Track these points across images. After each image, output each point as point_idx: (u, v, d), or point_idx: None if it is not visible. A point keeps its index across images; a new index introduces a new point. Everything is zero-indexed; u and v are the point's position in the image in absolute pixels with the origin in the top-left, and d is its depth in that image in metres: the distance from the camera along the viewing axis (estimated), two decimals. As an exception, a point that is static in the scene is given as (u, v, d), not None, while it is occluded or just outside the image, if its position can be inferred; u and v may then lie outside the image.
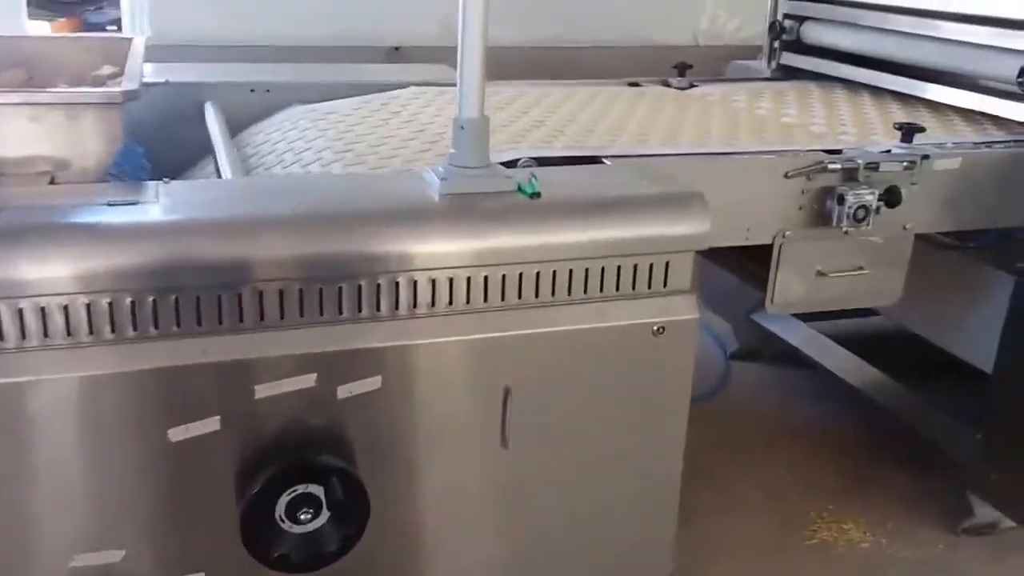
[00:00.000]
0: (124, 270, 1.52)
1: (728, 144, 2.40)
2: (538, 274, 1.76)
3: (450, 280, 1.70)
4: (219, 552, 1.64)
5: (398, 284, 1.67)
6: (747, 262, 2.42)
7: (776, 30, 3.40)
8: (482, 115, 1.79)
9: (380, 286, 1.66)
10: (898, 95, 3.02)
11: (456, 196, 1.77)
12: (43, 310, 1.50)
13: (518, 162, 2.10)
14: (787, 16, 3.39)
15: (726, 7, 4.37)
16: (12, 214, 1.56)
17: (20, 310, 1.50)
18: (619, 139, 2.38)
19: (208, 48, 3.66)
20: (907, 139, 2.35)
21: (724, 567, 2.61)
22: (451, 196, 1.77)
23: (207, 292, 1.57)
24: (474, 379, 1.76)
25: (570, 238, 1.77)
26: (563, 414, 1.83)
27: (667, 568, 2.03)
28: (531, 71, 3.51)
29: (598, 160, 2.15)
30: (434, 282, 1.70)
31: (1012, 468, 2.57)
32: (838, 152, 2.29)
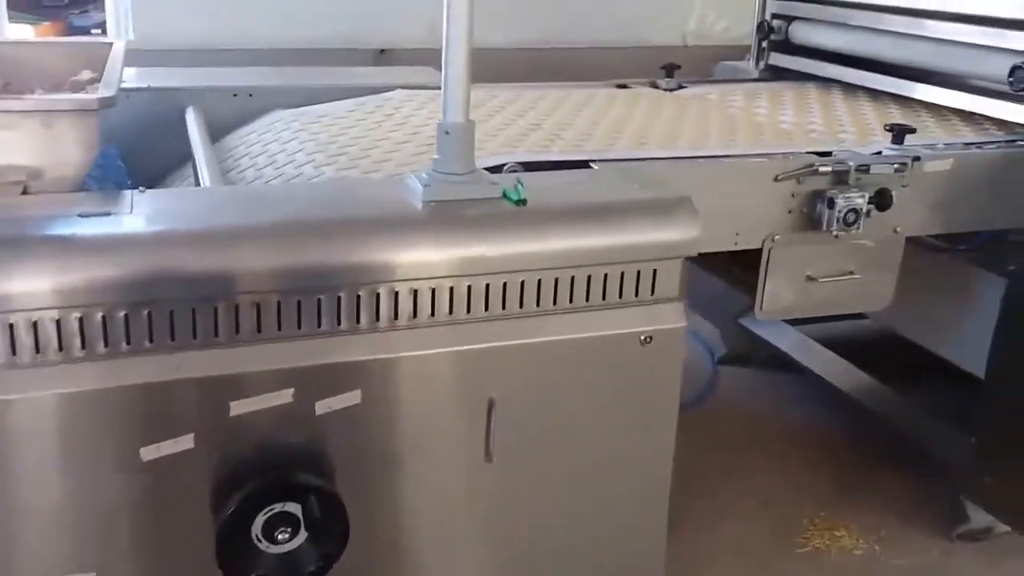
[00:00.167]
0: (94, 285, 1.47)
1: (717, 146, 2.36)
2: (523, 283, 1.72)
3: (432, 290, 1.66)
4: (194, 573, 1.59)
5: (379, 295, 1.63)
6: (735, 267, 2.38)
7: (764, 30, 3.36)
8: (467, 120, 1.75)
9: (360, 297, 1.62)
10: (888, 95, 2.98)
11: (439, 203, 1.73)
12: (11, 327, 1.45)
13: (504, 167, 2.07)
14: (775, 16, 3.36)
15: (714, 7, 4.34)
16: (-22, 226, 1.52)
17: (-14, 327, 1.45)
18: (606, 142, 2.34)
19: (193, 52, 3.63)
20: (898, 140, 2.31)
21: (716, 577, 2.57)
22: (434, 203, 1.73)
23: (181, 306, 1.52)
24: (457, 392, 1.72)
25: (556, 246, 1.73)
26: (549, 426, 1.79)
27: (657, 579, 1.99)
28: (518, 73, 3.48)
29: (585, 164, 2.12)
30: (416, 293, 1.65)
31: (1006, 472, 2.53)
32: (828, 154, 2.26)
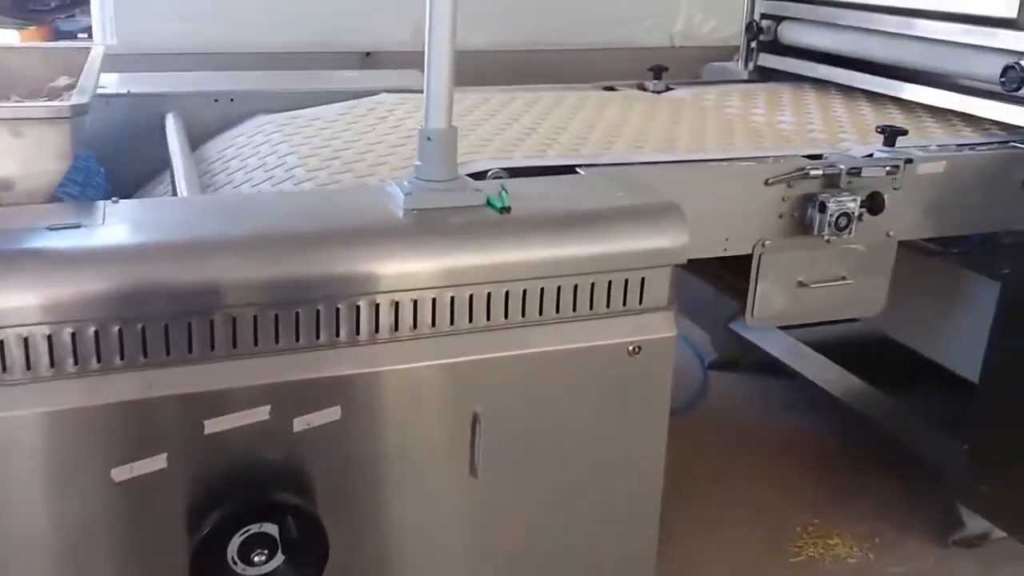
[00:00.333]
0: (62, 301, 1.41)
1: (706, 150, 2.31)
2: (507, 293, 1.67)
3: (414, 302, 1.61)
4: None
5: (359, 308, 1.58)
6: (725, 272, 2.34)
7: (753, 30, 3.32)
8: (450, 125, 1.71)
9: (339, 310, 1.57)
10: (879, 96, 2.94)
11: (421, 212, 1.68)
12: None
13: (488, 173, 2.02)
14: (764, 16, 3.31)
15: (702, 7, 4.30)
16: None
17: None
18: (593, 146, 2.29)
19: (177, 56, 3.58)
20: (889, 142, 2.27)
21: (708, 587, 2.54)
22: (416, 212, 1.68)
23: (152, 322, 1.47)
24: (441, 406, 1.67)
25: (541, 255, 1.69)
26: (535, 440, 1.74)
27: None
28: (503, 75, 3.43)
29: (572, 169, 2.07)
30: (397, 305, 1.60)
31: (1002, 478, 2.50)
32: (819, 157, 2.22)
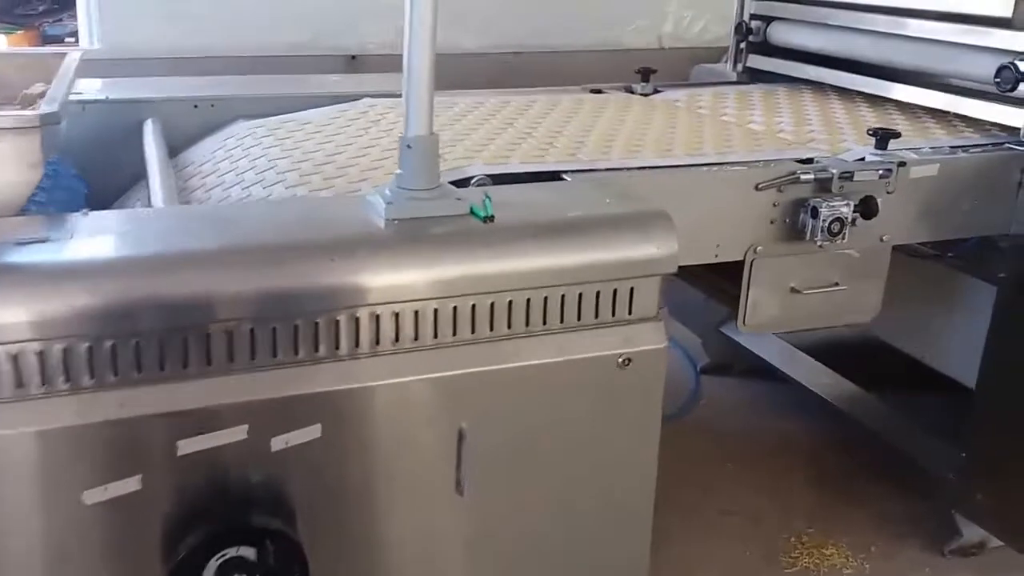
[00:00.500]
0: (27, 319, 1.36)
1: (695, 154, 2.26)
2: (493, 305, 1.62)
3: (396, 316, 1.56)
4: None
5: (338, 322, 1.53)
6: (716, 279, 2.30)
7: (742, 31, 3.27)
8: (431, 133, 1.66)
9: (319, 325, 1.52)
10: (870, 97, 2.90)
11: (403, 222, 1.63)
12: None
13: (472, 180, 1.97)
14: (754, 17, 3.27)
15: (691, 8, 4.26)
16: None
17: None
18: (580, 151, 2.24)
19: (161, 60, 3.53)
20: (882, 145, 2.23)
21: (701, 599, 2.49)
22: (398, 222, 1.63)
23: (123, 341, 1.41)
24: (425, 423, 1.61)
25: (527, 265, 1.64)
26: (523, 456, 1.69)
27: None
28: (489, 78, 3.39)
29: (558, 176, 2.02)
30: (378, 318, 1.55)
31: (999, 486, 2.45)
32: (810, 161, 2.18)
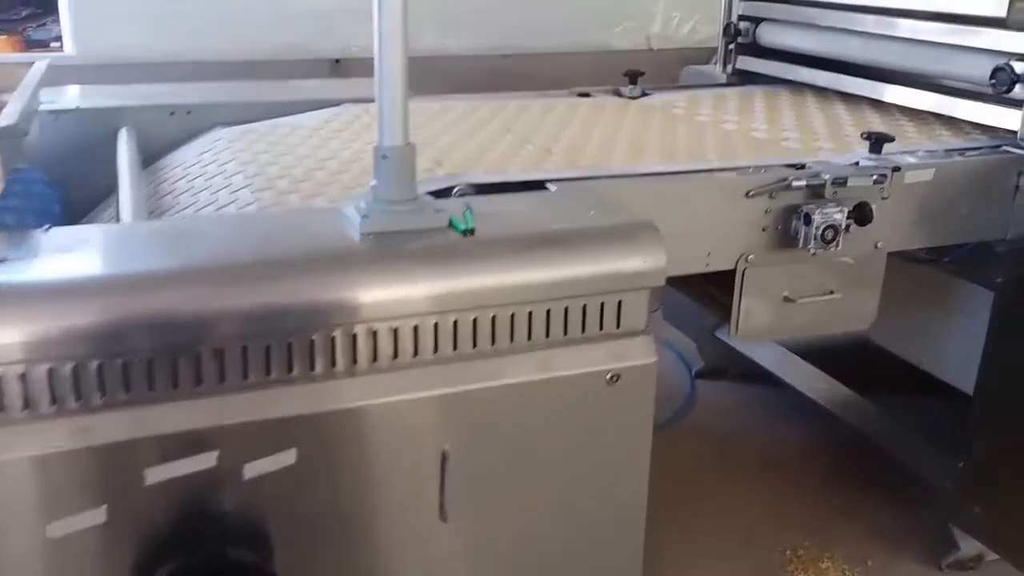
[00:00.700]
0: (-17, 344, 1.29)
1: (685, 160, 2.20)
2: (475, 322, 1.55)
3: (373, 334, 1.49)
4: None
5: (313, 342, 1.46)
6: (708, 287, 2.23)
7: (731, 33, 3.21)
8: (407, 142, 1.59)
9: (292, 345, 1.45)
10: (863, 99, 2.84)
11: (379, 235, 1.56)
12: None
13: (454, 190, 1.91)
14: (742, 18, 3.21)
15: (679, 8, 4.21)
16: None
17: None
18: (566, 159, 2.18)
19: (139, 66, 3.48)
20: (876, 149, 2.17)
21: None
22: (373, 236, 1.56)
23: (84, 364, 1.35)
24: (405, 446, 1.54)
25: (509, 280, 1.57)
26: (508, 479, 1.62)
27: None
28: (477, 81, 3.34)
29: (542, 185, 1.96)
30: (355, 337, 1.48)
31: (997, 498, 2.39)
32: (802, 167, 2.12)
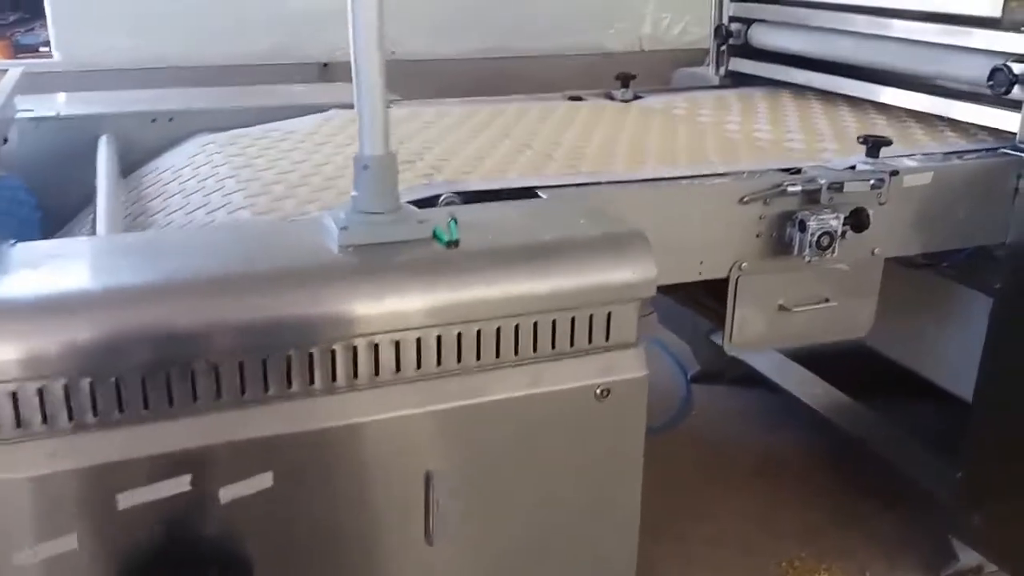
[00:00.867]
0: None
1: (677, 166, 2.15)
2: (460, 336, 1.50)
3: (353, 350, 1.44)
4: None
5: (290, 359, 1.40)
6: (702, 295, 2.18)
7: (722, 34, 3.17)
8: (387, 151, 1.54)
9: (267, 363, 1.39)
10: (858, 100, 2.80)
11: (359, 248, 1.51)
12: None
13: (440, 199, 1.85)
14: (733, 19, 3.16)
15: (671, 8, 4.16)
16: None
17: None
18: (557, 165, 2.12)
19: (123, 72, 3.43)
20: (873, 153, 2.12)
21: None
22: (353, 248, 1.50)
23: (50, 385, 1.29)
24: (388, 466, 1.49)
25: (495, 293, 1.51)
26: (496, 498, 1.57)
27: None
28: (467, 85, 3.29)
29: (532, 192, 1.91)
30: (334, 354, 1.43)
31: (996, 508, 2.35)
32: (797, 171, 2.07)
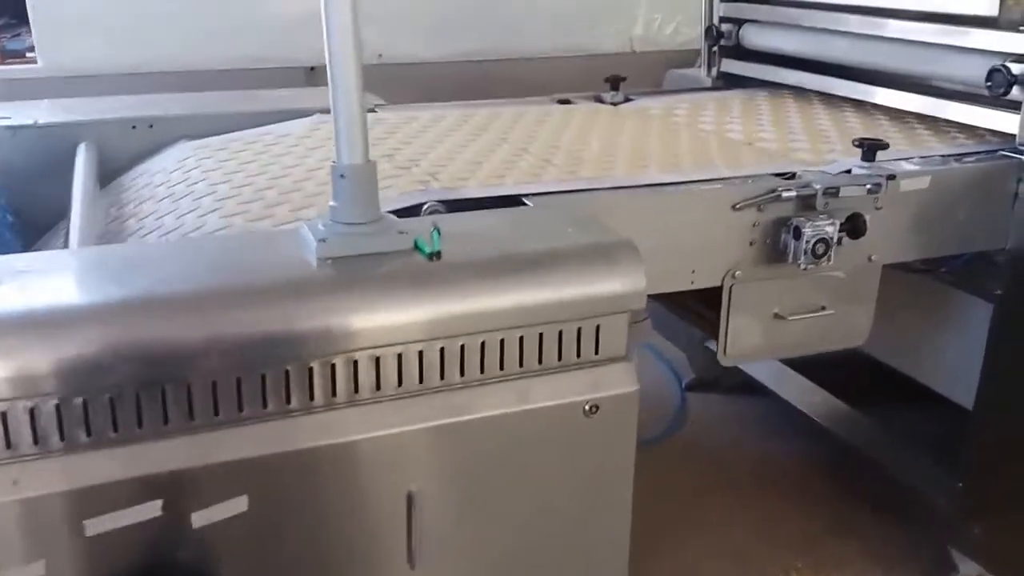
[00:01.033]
0: None
1: (667, 171, 2.09)
2: (443, 351, 1.45)
3: (331, 368, 1.38)
4: None
5: (264, 378, 1.35)
6: (695, 304, 2.13)
7: (713, 35, 3.11)
8: (366, 160, 1.48)
9: (240, 382, 1.34)
10: (853, 102, 2.75)
11: (338, 260, 1.45)
12: None
13: (423, 208, 1.80)
14: (724, 19, 3.11)
15: (662, 9, 4.11)
16: None
17: None
18: (544, 171, 2.07)
19: (109, 77, 3.37)
20: (869, 157, 2.07)
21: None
22: (331, 261, 1.45)
23: (13, 408, 1.23)
24: (369, 488, 1.43)
25: (479, 306, 1.46)
26: (481, 519, 1.51)
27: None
28: (453, 88, 3.23)
29: (518, 200, 1.85)
30: (311, 372, 1.37)
31: (997, 518, 2.29)
32: (792, 176, 2.01)
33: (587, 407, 1.53)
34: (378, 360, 1.41)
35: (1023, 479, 2.20)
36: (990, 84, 2.16)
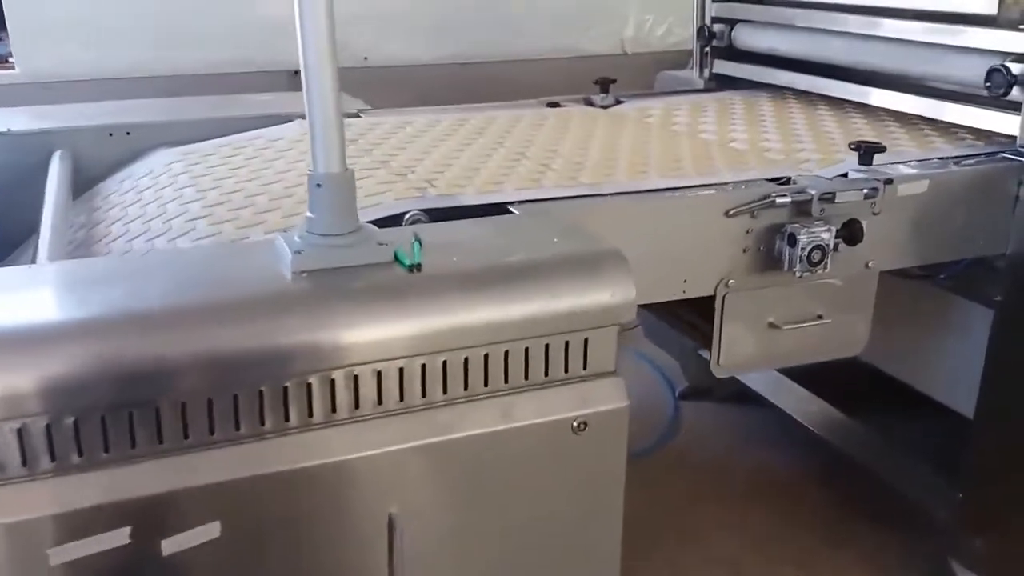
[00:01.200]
0: None
1: (659, 176, 2.03)
2: (424, 368, 1.39)
3: (307, 387, 1.32)
4: None
5: (236, 398, 1.29)
6: (686, 313, 2.08)
7: (704, 36, 3.06)
8: (344, 169, 1.42)
9: (212, 403, 1.28)
10: (847, 103, 2.69)
11: (314, 274, 1.39)
12: None
13: (405, 217, 1.74)
14: (716, 20, 3.05)
15: (653, 10, 4.06)
16: None
17: None
18: (532, 178, 2.00)
19: (88, 83, 3.31)
20: (866, 160, 2.02)
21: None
22: (307, 274, 1.39)
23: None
24: (348, 512, 1.37)
25: (461, 320, 1.40)
26: (465, 542, 1.45)
27: None
28: (438, 92, 3.18)
29: (504, 208, 1.79)
30: (286, 391, 1.31)
31: (999, 531, 2.24)
32: (787, 181, 1.96)
33: (575, 424, 1.47)
34: (356, 378, 1.35)
35: (1025, 490, 2.14)
36: (989, 84, 2.11)
